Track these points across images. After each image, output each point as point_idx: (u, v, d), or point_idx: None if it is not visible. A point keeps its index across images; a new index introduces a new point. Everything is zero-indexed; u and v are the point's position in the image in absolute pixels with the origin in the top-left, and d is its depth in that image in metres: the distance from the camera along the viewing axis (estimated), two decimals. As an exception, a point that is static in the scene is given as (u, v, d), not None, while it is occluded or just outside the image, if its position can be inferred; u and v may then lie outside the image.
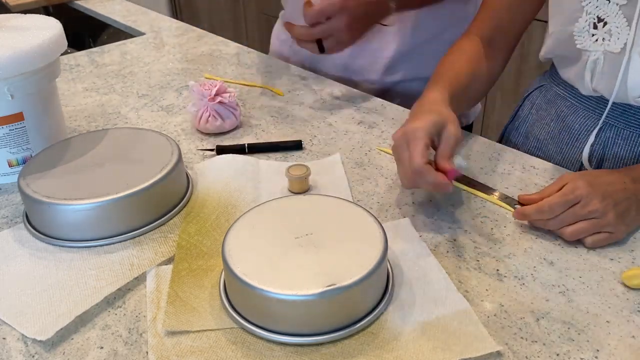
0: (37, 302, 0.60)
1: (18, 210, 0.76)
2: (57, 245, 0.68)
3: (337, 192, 0.76)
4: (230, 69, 1.18)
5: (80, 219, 0.67)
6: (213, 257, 0.66)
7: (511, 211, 0.71)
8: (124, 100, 1.06)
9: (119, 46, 1.33)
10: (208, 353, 0.54)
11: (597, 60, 0.76)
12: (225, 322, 0.57)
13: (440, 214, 0.72)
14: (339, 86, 1.08)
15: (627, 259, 0.64)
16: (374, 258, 0.56)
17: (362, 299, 0.56)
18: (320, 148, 0.88)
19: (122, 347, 0.56)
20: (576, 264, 0.64)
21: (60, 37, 0.80)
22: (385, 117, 0.97)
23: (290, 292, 0.53)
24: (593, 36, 0.75)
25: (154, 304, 0.60)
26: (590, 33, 0.75)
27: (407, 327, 0.56)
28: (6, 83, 0.75)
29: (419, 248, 0.66)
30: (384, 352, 0.54)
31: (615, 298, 0.59)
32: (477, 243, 0.67)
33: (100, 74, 1.18)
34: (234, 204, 0.74)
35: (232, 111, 0.92)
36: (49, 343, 0.56)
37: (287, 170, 0.76)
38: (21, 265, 0.65)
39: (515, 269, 0.63)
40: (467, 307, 0.57)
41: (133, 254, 0.67)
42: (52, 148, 0.78)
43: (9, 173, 0.81)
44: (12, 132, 0.79)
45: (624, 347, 0.54)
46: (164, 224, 0.72)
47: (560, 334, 0.55)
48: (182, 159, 0.76)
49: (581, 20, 0.75)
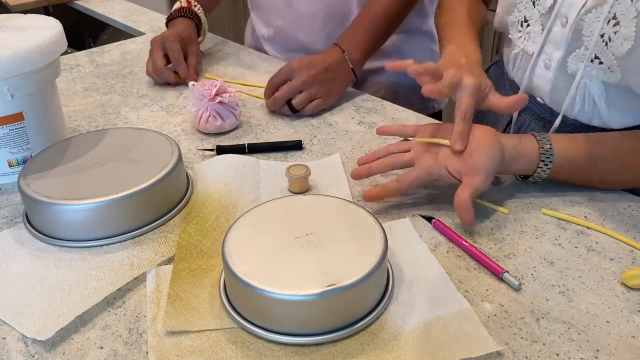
0: (37, 302, 0.60)
1: (18, 210, 0.76)
2: (57, 245, 0.68)
3: (337, 192, 0.76)
4: (230, 69, 1.18)
5: (80, 219, 0.67)
6: (213, 257, 0.66)
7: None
8: (124, 100, 1.06)
9: (119, 46, 1.33)
10: (208, 353, 0.54)
11: (518, 54, 0.83)
12: (225, 322, 0.57)
13: (440, 214, 0.72)
14: (339, 86, 1.08)
15: (627, 259, 0.64)
16: (374, 258, 0.56)
17: (362, 299, 0.56)
18: (320, 148, 0.88)
19: (122, 347, 0.56)
20: (576, 264, 0.64)
21: (60, 37, 0.80)
22: (385, 117, 0.97)
23: (290, 292, 0.53)
24: (519, 32, 0.81)
25: (154, 304, 0.60)
26: (517, 29, 0.81)
27: (407, 327, 0.56)
28: (6, 83, 0.75)
29: (419, 248, 0.66)
30: (384, 352, 0.54)
31: (615, 298, 0.59)
32: (477, 243, 0.67)
33: (100, 74, 1.18)
34: (234, 204, 0.74)
35: (232, 111, 0.92)
36: (49, 343, 0.56)
37: (287, 170, 0.76)
38: (21, 265, 0.65)
39: (515, 269, 0.63)
40: (467, 307, 0.57)
41: (133, 254, 0.67)
42: (52, 148, 0.78)
43: (9, 173, 0.81)
44: (12, 132, 0.79)
45: (624, 347, 0.54)
46: (164, 224, 0.71)
47: (560, 334, 0.55)
48: (182, 159, 0.76)
49: (513, 15, 0.81)
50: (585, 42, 0.71)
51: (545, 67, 0.78)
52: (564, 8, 0.73)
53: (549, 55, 0.77)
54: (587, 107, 0.76)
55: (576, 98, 0.76)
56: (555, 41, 0.76)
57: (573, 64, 0.73)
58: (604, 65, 0.70)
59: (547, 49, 0.77)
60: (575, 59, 0.73)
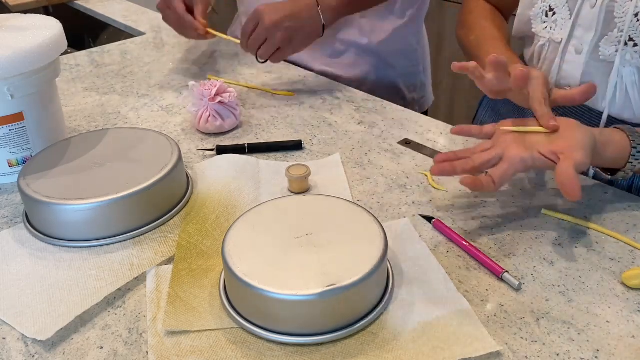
0: (37, 302, 0.60)
1: (18, 210, 0.76)
2: (57, 245, 0.68)
3: (337, 192, 0.76)
4: (231, 69, 1.18)
5: (80, 219, 0.67)
6: (213, 257, 0.66)
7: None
8: (124, 100, 1.06)
9: (119, 46, 1.33)
10: (208, 353, 0.54)
11: (544, 46, 0.82)
12: (225, 322, 0.57)
13: (440, 214, 0.72)
14: (339, 86, 1.09)
15: (627, 259, 0.64)
16: (374, 258, 0.56)
17: (362, 299, 0.56)
18: (320, 148, 0.88)
19: (122, 347, 0.56)
20: (576, 264, 0.64)
21: (60, 37, 0.80)
22: (385, 117, 0.97)
23: (290, 292, 0.53)
24: (544, 23, 0.80)
25: (154, 304, 0.60)
26: (542, 20, 0.80)
27: (407, 327, 0.56)
28: (6, 83, 0.75)
29: (419, 248, 0.66)
30: (384, 352, 0.54)
31: (615, 298, 0.59)
32: (477, 243, 0.67)
33: (100, 74, 1.18)
34: (234, 204, 0.74)
35: (232, 111, 0.92)
36: (49, 343, 0.56)
37: (287, 170, 0.76)
38: (21, 265, 0.65)
39: (515, 269, 0.63)
40: (467, 307, 0.57)
41: (133, 254, 0.67)
42: (52, 148, 0.78)
43: (9, 173, 0.81)
44: (12, 132, 0.79)
45: (624, 347, 0.54)
46: (164, 224, 0.72)
47: (560, 334, 0.55)
48: (182, 159, 0.76)
49: (537, 6, 0.80)
50: (619, 23, 0.68)
51: (576, 52, 0.76)
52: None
53: (580, 40, 0.75)
54: (619, 97, 0.73)
55: (612, 87, 0.72)
56: (585, 24, 0.73)
57: (606, 48, 0.71)
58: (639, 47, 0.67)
59: (577, 33, 0.75)
60: (608, 42, 0.70)
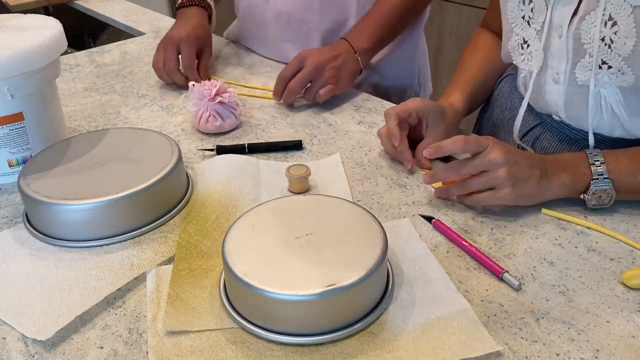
0: (37, 302, 0.60)
1: (18, 210, 0.76)
2: (57, 245, 0.68)
3: (337, 192, 0.76)
4: (230, 69, 1.18)
5: (80, 219, 0.67)
6: (213, 257, 0.66)
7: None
8: (124, 100, 1.06)
9: (119, 46, 1.33)
10: (208, 353, 0.54)
11: (525, 77, 0.83)
12: (225, 322, 0.57)
13: (440, 214, 0.72)
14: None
15: (627, 259, 0.64)
16: (374, 258, 0.56)
17: (362, 299, 0.56)
18: (320, 148, 0.88)
19: (122, 347, 0.56)
20: (576, 264, 0.64)
21: (60, 37, 0.80)
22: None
23: (290, 292, 0.53)
24: (521, 55, 0.80)
25: (154, 304, 0.60)
26: (519, 52, 0.81)
27: (407, 327, 0.56)
28: (6, 83, 0.75)
29: (419, 248, 0.66)
30: (384, 352, 0.54)
31: (615, 298, 0.59)
32: (477, 243, 0.67)
33: (100, 74, 1.18)
34: (234, 204, 0.74)
35: (232, 111, 0.92)
36: (49, 343, 0.56)
37: (287, 170, 0.76)
38: (21, 265, 0.65)
39: (515, 269, 0.63)
40: (467, 307, 0.57)
41: (133, 254, 0.67)
42: (52, 148, 0.78)
43: (9, 173, 0.81)
44: (12, 132, 0.79)
45: (624, 347, 0.54)
46: (164, 224, 0.72)
47: (560, 334, 0.55)
48: (182, 159, 0.76)
49: (512, 39, 0.81)
50: (588, 49, 0.70)
51: (554, 81, 0.77)
52: (556, 19, 0.73)
53: (555, 69, 0.76)
54: (606, 117, 0.74)
55: (593, 109, 0.74)
56: (556, 54, 0.75)
57: (581, 74, 0.72)
58: (614, 69, 0.69)
59: (552, 63, 0.76)
60: (582, 68, 0.72)
